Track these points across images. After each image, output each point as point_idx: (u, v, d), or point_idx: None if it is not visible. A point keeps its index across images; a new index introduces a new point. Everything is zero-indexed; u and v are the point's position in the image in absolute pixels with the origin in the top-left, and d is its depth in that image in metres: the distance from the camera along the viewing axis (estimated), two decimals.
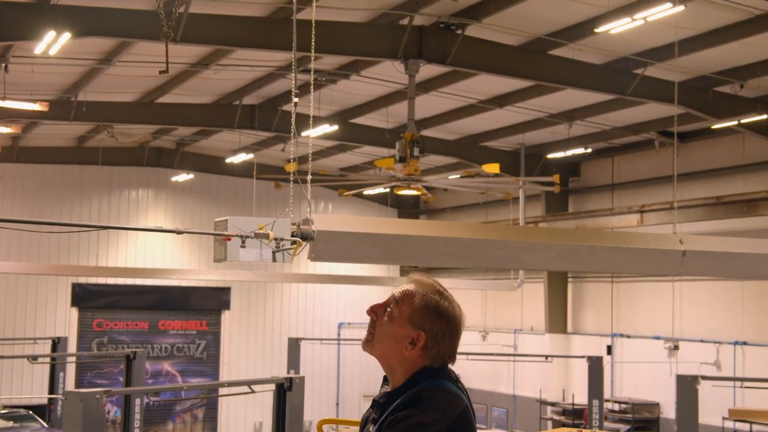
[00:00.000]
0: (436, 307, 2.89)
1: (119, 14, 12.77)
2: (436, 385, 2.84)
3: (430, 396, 2.79)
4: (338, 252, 9.83)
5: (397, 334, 2.88)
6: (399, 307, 2.90)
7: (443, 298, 2.92)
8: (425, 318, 2.88)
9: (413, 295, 2.91)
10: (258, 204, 23.64)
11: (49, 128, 21.58)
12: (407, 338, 2.87)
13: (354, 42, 14.04)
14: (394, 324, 2.89)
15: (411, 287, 2.94)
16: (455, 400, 2.83)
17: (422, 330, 2.86)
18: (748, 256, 12.23)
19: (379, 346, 2.91)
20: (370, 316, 2.96)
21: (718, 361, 19.07)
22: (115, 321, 25.56)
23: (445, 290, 2.96)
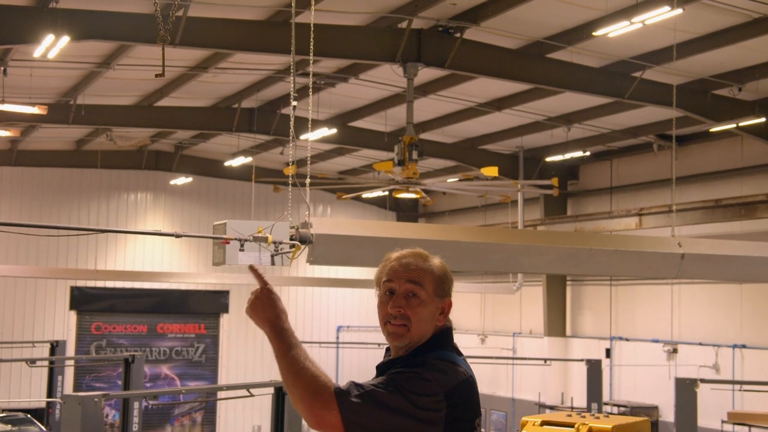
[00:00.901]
0: (444, 271, 3.04)
1: (118, 18, 12.77)
2: (442, 356, 2.91)
3: (434, 363, 2.87)
4: (337, 255, 9.84)
5: (432, 313, 2.98)
6: (425, 289, 2.97)
7: (438, 259, 3.07)
8: (444, 285, 3.02)
9: (429, 270, 3.00)
10: (257, 207, 23.64)
11: (48, 131, 21.58)
12: (438, 310, 2.99)
13: (352, 45, 14.05)
14: (428, 305, 2.97)
15: (418, 264, 3.00)
16: (459, 370, 2.90)
17: (446, 296, 3.01)
18: (747, 259, 12.25)
19: (418, 331, 2.95)
20: (398, 313, 2.94)
21: (716, 364, 19.07)
22: (113, 324, 25.54)
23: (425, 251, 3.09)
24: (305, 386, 2.70)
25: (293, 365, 2.73)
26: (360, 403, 2.69)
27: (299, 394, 2.71)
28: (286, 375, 2.74)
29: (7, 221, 16.16)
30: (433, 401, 2.74)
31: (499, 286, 23.89)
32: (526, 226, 21.72)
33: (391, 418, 2.70)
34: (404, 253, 3.03)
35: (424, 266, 2.99)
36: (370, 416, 2.69)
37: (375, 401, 2.70)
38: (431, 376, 2.78)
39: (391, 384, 2.75)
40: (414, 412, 2.71)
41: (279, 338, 2.79)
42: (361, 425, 2.69)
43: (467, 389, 2.87)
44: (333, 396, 2.69)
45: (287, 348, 2.76)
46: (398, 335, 2.94)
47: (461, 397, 2.83)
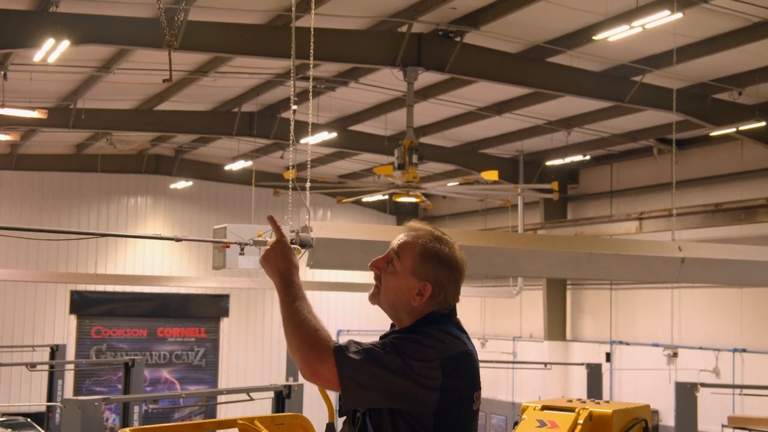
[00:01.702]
0: (437, 255, 2.91)
1: (118, 22, 12.78)
2: (442, 329, 2.87)
3: (433, 332, 2.83)
4: (337, 259, 9.84)
5: (402, 288, 2.90)
6: (401, 261, 2.91)
7: (443, 244, 2.94)
8: (428, 268, 2.90)
9: (413, 245, 2.92)
10: (257, 211, 23.63)
11: (48, 136, 21.59)
12: (413, 290, 2.89)
13: (353, 49, 14.06)
14: (399, 278, 2.91)
15: (409, 237, 2.95)
16: (457, 342, 2.86)
17: (427, 280, 2.89)
18: (747, 263, 12.24)
19: (386, 299, 2.94)
20: (373, 271, 2.98)
21: (717, 369, 19.05)
22: (113, 328, 25.53)
23: (443, 234, 2.98)
24: (303, 337, 2.70)
25: (295, 315, 2.74)
26: (357, 359, 2.67)
27: (296, 344, 2.70)
28: (286, 325, 2.74)
29: (7, 225, 16.18)
30: (428, 367, 2.71)
31: (500, 290, 23.88)
32: (526, 230, 21.71)
33: (387, 377, 2.68)
34: (413, 225, 3.01)
35: (410, 240, 2.93)
36: (366, 373, 2.67)
37: (372, 359, 2.69)
38: (428, 343, 2.76)
39: (390, 346, 2.73)
40: (410, 374, 2.69)
41: (287, 289, 2.81)
42: (356, 381, 2.67)
43: (465, 361, 2.83)
44: (330, 350, 2.67)
45: (293, 299, 2.78)
46: (372, 295, 2.97)
47: (458, 367, 2.79)
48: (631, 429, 3.87)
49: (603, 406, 3.90)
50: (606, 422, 3.74)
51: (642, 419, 3.87)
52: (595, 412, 3.78)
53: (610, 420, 3.73)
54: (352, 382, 2.67)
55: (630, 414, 3.86)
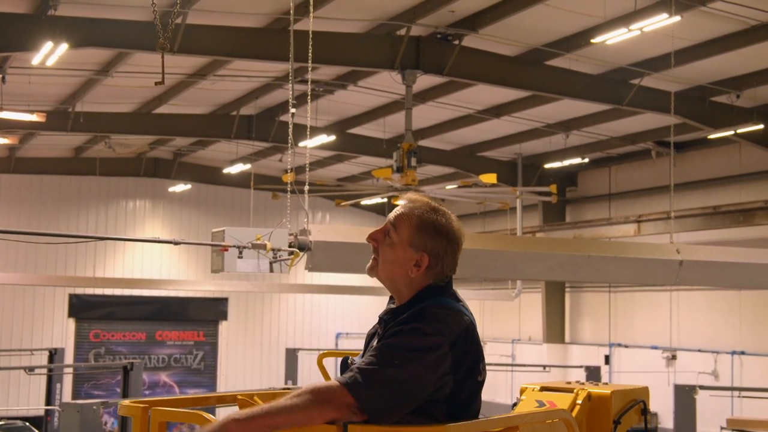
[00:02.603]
0: (434, 226, 2.91)
1: (117, 25, 12.78)
2: (440, 303, 2.85)
3: (433, 312, 2.81)
4: (336, 262, 9.84)
5: (399, 259, 2.90)
6: (397, 232, 2.91)
7: (439, 215, 2.94)
8: (425, 239, 2.89)
9: (409, 217, 2.92)
10: (255, 214, 23.64)
11: (47, 139, 21.58)
12: (411, 261, 2.89)
13: (351, 52, 14.07)
14: (396, 249, 2.90)
15: (405, 209, 2.95)
16: (459, 317, 2.84)
17: (424, 251, 2.89)
18: (745, 266, 12.26)
19: (383, 271, 2.94)
20: (370, 244, 2.97)
21: (716, 371, 19.06)
22: (112, 332, 25.51)
23: (440, 205, 2.98)
24: (308, 410, 2.56)
25: (280, 413, 2.55)
26: (372, 392, 2.61)
27: (312, 419, 2.56)
28: (292, 424, 2.56)
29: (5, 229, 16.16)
30: (438, 355, 2.70)
31: (498, 292, 23.88)
32: (524, 232, 21.71)
33: (409, 389, 2.65)
34: (409, 196, 3.00)
35: (407, 212, 2.93)
36: (387, 398, 2.63)
37: (386, 381, 2.63)
38: (432, 329, 2.73)
39: (395, 353, 2.68)
40: (426, 374, 2.67)
41: (255, 423, 2.53)
42: (380, 409, 2.62)
43: (469, 335, 2.82)
44: (341, 393, 2.59)
45: (266, 417, 2.55)
46: (371, 267, 2.96)
47: (464, 344, 2.78)
48: (630, 410, 3.87)
49: (602, 387, 3.91)
50: (605, 403, 3.74)
51: (640, 400, 3.88)
52: (593, 392, 3.79)
53: (608, 400, 3.73)
54: (375, 407, 2.61)
55: (629, 395, 3.87)
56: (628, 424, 3.93)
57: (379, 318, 2.97)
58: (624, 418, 3.87)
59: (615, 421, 3.84)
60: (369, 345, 2.93)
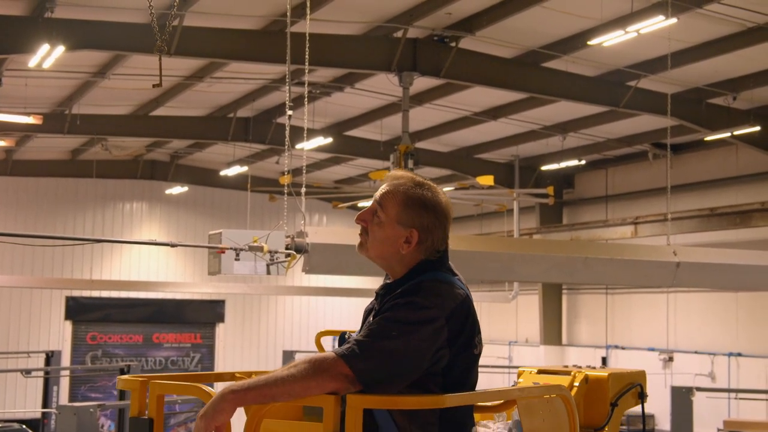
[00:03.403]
0: (420, 201, 2.91)
1: (113, 27, 12.77)
2: (436, 277, 2.86)
3: (429, 286, 2.81)
4: (333, 264, 9.85)
5: (389, 237, 2.91)
6: (384, 210, 2.92)
7: (425, 189, 2.94)
8: (412, 214, 2.90)
9: (395, 193, 2.92)
10: (252, 216, 23.63)
11: (43, 141, 21.57)
12: (400, 238, 2.89)
13: (348, 55, 14.07)
14: (385, 228, 2.91)
15: (390, 186, 2.95)
16: (454, 290, 2.84)
17: (413, 227, 2.89)
18: (742, 268, 12.28)
19: (374, 250, 2.95)
20: (359, 224, 2.99)
21: (712, 373, 19.08)
22: (109, 334, 25.48)
23: (424, 180, 2.98)
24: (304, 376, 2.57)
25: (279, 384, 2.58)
26: (370, 364, 2.62)
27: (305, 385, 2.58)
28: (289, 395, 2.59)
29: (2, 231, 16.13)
30: (434, 328, 2.71)
31: (495, 294, 23.89)
32: (521, 234, 21.73)
33: (405, 361, 2.66)
34: (394, 174, 3.01)
35: (392, 189, 2.94)
36: (384, 369, 2.64)
37: (383, 353, 2.64)
38: (429, 302, 2.74)
39: (392, 326, 2.69)
40: (422, 347, 2.68)
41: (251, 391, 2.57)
42: (377, 380, 2.63)
43: (465, 309, 2.82)
44: (337, 363, 2.60)
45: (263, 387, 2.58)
46: (360, 245, 2.97)
47: (460, 317, 2.78)
48: (627, 393, 3.89)
49: (599, 370, 3.94)
50: (602, 385, 3.76)
51: (638, 384, 3.90)
52: (590, 375, 3.81)
53: (605, 383, 3.75)
54: (374, 383, 2.62)
55: (626, 378, 3.90)
56: (626, 407, 3.96)
57: (376, 293, 2.98)
58: (621, 401, 3.90)
59: (612, 404, 3.86)
60: (366, 321, 2.94)
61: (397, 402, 2.66)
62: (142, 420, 2.77)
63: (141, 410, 2.80)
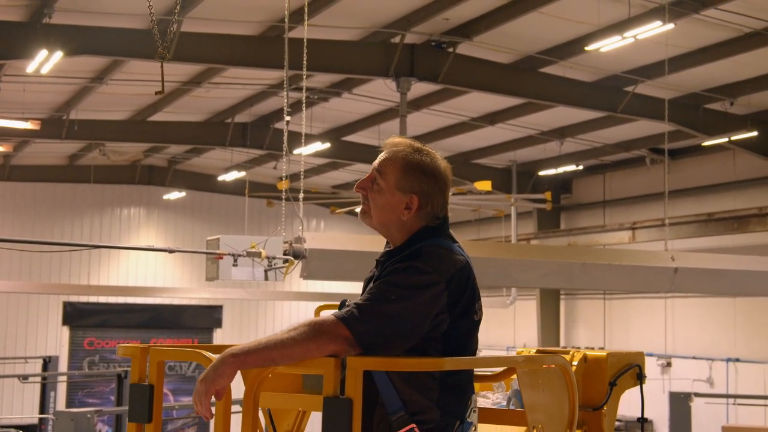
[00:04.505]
0: (419, 166, 2.93)
1: (112, 33, 12.78)
2: (436, 243, 2.88)
3: (429, 251, 2.83)
4: (331, 270, 9.84)
5: (390, 204, 2.92)
6: (384, 178, 2.93)
7: (423, 154, 2.96)
8: (412, 180, 2.91)
9: (393, 160, 2.93)
10: (250, 222, 23.62)
11: (41, 146, 21.57)
12: (401, 204, 2.91)
13: (346, 60, 14.08)
14: (385, 195, 2.92)
15: (389, 153, 2.96)
16: (454, 256, 2.86)
17: (412, 193, 2.91)
18: (740, 273, 12.29)
19: (377, 219, 2.96)
20: (359, 193, 2.99)
21: (711, 378, 19.07)
22: (106, 339, 25.44)
23: (423, 146, 3.00)
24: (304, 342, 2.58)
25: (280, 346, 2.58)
26: (369, 326, 2.63)
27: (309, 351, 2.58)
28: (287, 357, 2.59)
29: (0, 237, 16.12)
30: (434, 293, 2.72)
31: (493, 300, 23.87)
32: (519, 240, 21.73)
33: (404, 324, 2.68)
34: (392, 141, 3.01)
35: (390, 156, 2.94)
36: (383, 332, 2.65)
37: (382, 316, 2.66)
38: (429, 267, 2.76)
39: (392, 290, 2.71)
40: (422, 311, 2.70)
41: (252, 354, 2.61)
42: (376, 343, 2.64)
43: (465, 275, 2.84)
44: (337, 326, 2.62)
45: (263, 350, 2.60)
46: (363, 213, 2.99)
47: (459, 283, 2.80)
48: (626, 373, 3.92)
49: (598, 350, 3.95)
50: (600, 365, 3.78)
51: (636, 364, 3.93)
52: (589, 355, 3.82)
53: (604, 362, 3.78)
54: (373, 346, 2.63)
55: (625, 358, 3.92)
56: (624, 387, 3.98)
57: (377, 261, 2.99)
58: (620, 381, 3.91)
59: (611, 383, 3.87)
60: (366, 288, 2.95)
61: (397, 364, 2.67)
62: (142, 386, 2.82)
63: (141, 377, 2.84)
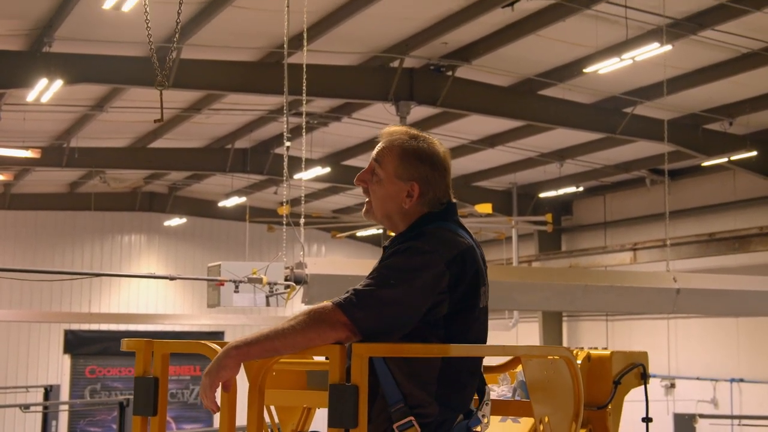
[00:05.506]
0: (416, 153, 2.89)
1: (111, 61, 12.84)
2: (441, 225, 2.84)
3: (433, 232, 2.79)
4: (332, 295, 9.78)
5: (390, 194, 2.88)
6: (382, 168, 2.89)
7: (420, 141, 2.92)
8: (410, 168, 2.88)
9: (391, 149, 2.89)
10: (251, 247, 23.60)
11: (42, 175, 21.59)
12: (402, 192, 2.87)
13: (345, 85, 14.13)
14: (385, 185, 2.88)
15: (386, 143, 2.93)
16: (457, 238, 2.81)
17: (412, 180, 2.87)
18: (742, 293, 12.26)
19: (379, 210, 2.91)
20: (359, 186, 2.94)
21: (715, 399, 18.97)
22: (108, 367, 25.35)
23: (419, 132, 2.96)
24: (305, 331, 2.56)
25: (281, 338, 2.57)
26: (368, 312, 2.60)
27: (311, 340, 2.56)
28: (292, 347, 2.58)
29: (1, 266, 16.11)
30: (435, 274, 2.67)
31: (495, 323, 23.80)
32: (520, 262, 21.70)
33: (404, 309, 2.64)
34: (388, 130, 2.97)
35: (387, 145, 2.91)
36: (381, 318, 2.62)
37: (381, 301, 2.62)
38: (430, 247, 2.70)
39: (391, 273, 2.67)
40: (421, 293, 2.65)
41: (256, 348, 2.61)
42: (375, 329, 2.60)
43: (469, 257, 2.79)
44: (335, 312, 2.59)
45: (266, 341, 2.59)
46: (366, 210, 2.94)
47: (463, 265, 2.75)
48: (630, 372, 3.89)
49: (601, 350, 3.93)
50: (604, 364, 3.76)
51: (640, 364, 3.90)
52: (593, 354, 3.80)
53: (608, 361, 3.75)
54: (372, 331, 2.60)
55: (629, 358, 3.90)
56: (629, 387, 3.96)
57: (383, 248, 2.94)
58: (624, 380, 3.89)
59: (615, 382, 3.85)
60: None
61: (402, 350, 2.65)
62: (147, 379, 2.83)
63: (146, 370, 2.84)
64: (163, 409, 2.81)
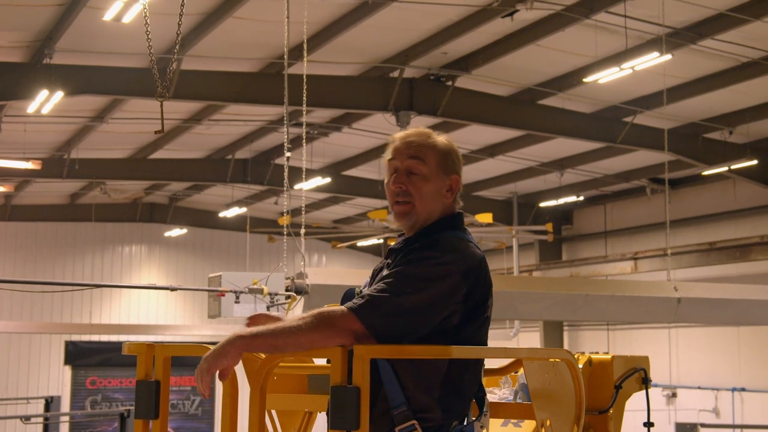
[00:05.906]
0: (450, 147, 2.96)
1: (112, 72, 12.86)
2: (455, 234, 2.83)
3: (448, 240, 2.79)
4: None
5: (437, 189, 2.88)
6: (426, 164, 2.88)
7: (440, 136, 2.98)
8: (449, 161, 2.92)
9: (431, 145, 2.92)
10: (252, 257, 23.59)
11: (42, 186, 21.60)
12: (444, 187, 2.89)
13: (345, 95, 14.14)
14: (431, 181, 2.87)
15: (419, 139, 2.93)
16: (473, 250, 2.81)
17: (453, 173, 2.91)
18: (743, 302, 12.25)
19: (423, 208, 2.86)
20: (398, 189, 2.88)
21: (716, 408, 18.93)
22: (108, 378, 25.31)
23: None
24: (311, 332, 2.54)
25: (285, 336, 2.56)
26: (385, 320, 2.59)
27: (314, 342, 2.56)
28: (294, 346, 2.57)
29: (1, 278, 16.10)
30: (451, 284, 2.67)
31: (496, 332, 23.78)
32: (521, 271, 21.69)
33: (419, 317, 2.64)
34: (409, 132, 2.97)
35: (426, 142, 2.91)
36: (396, 326, 2.61)
37: (397, 309, 2.61)
38: (447, 258, 2.71)
39: (407, 281, 2.65)
40: (437, 303, 2.65)
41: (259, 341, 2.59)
42: (389, 336, 2.60)
43: (482, 269, 2.80)
44: (346, 318, 2.57)
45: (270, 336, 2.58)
46: (404, 213, 2.87)
47: (476, 277, 2.75)
48: (631, 376, 3.88)
49: (602, 354, 3.93)
50: (605, 368, 3.75)
51: (641, 368, 3.89)
52: (594, 358, 3.79)
53: (609, 365, 3.74)
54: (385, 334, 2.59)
55: (630, 362, 3.89)
56: (630, 391, 3.95)
57: (390, 250, 2.92)
58: (625, 384, 3.88)
59: (616, 386, 3.84)
60: (376, 278, 2.88)
61: (402, 351, 2.65)
62: (149, 382, 2.84)
63: (148, 373, 2.86)
64: (165, 412, 2.80)
